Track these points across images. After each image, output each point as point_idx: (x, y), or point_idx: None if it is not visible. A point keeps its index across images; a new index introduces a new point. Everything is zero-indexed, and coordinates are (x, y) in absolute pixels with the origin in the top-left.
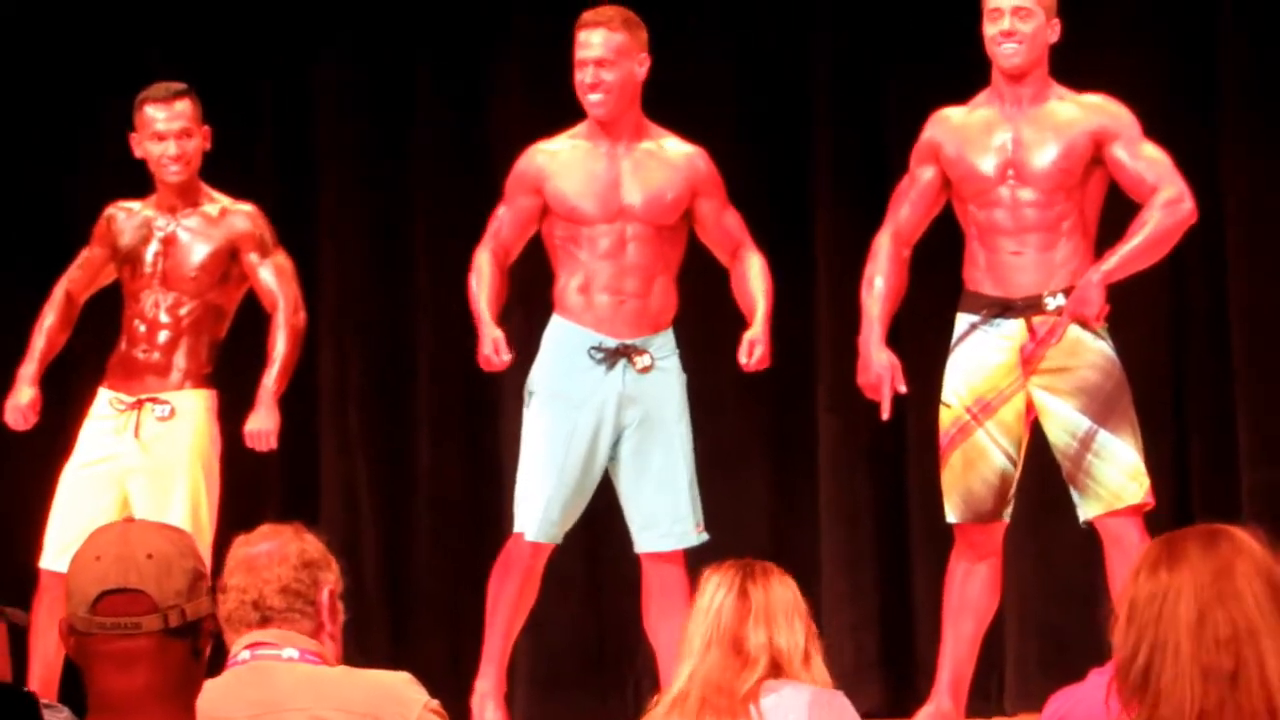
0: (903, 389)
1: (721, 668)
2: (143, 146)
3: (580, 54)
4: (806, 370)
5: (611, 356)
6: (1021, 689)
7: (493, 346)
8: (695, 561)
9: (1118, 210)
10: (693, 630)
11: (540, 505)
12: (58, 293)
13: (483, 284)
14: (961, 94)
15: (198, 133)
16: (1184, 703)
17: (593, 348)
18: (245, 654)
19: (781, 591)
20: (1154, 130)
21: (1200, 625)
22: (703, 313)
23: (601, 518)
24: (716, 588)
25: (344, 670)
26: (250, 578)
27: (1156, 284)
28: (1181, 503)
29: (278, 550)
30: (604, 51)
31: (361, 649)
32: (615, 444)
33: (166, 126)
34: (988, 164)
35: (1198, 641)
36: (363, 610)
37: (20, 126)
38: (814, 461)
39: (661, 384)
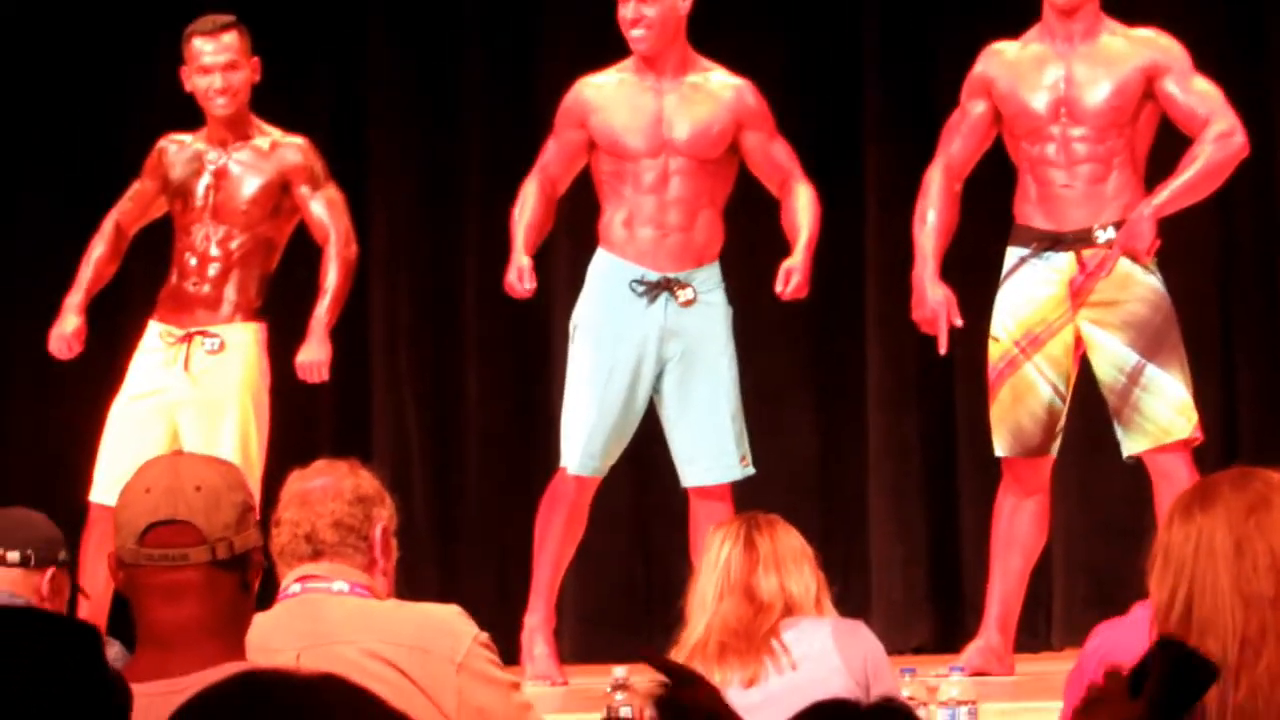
0: (959, 322)
1: (737, 615)
2: (191, 80)
3: None
4: (855, 304)
5: (654, 290)
6: (1068, 624)
7: (517, 273)
8: (742, 495)
9: (1168, 142)
10: (703, 585)
11: (582, 439)
12: (107, 224)
13: (525, 212)
14: (1013, 28)
15: (245, 65)
16: (1226, 632)
17: (635, 281)
18: (295, 586)
19: (788, 539)
20: (1205, 64)
21: (1239, 555)
22: (751, 246)
23: (648, 452)
24: (722, 541)
25: (394, 603)
26: (304, 511)
27: (1205, 218)
28: (1230, 438)
29: (332, 485)
30: None
31: (410, 583)
32: (659, 377)
33: (213, 59)
34: (1040, 101)
35: (1236, 571)
36: (412, 544)
37: (74, 60)
38: (862, 395)
39: (705, 317)
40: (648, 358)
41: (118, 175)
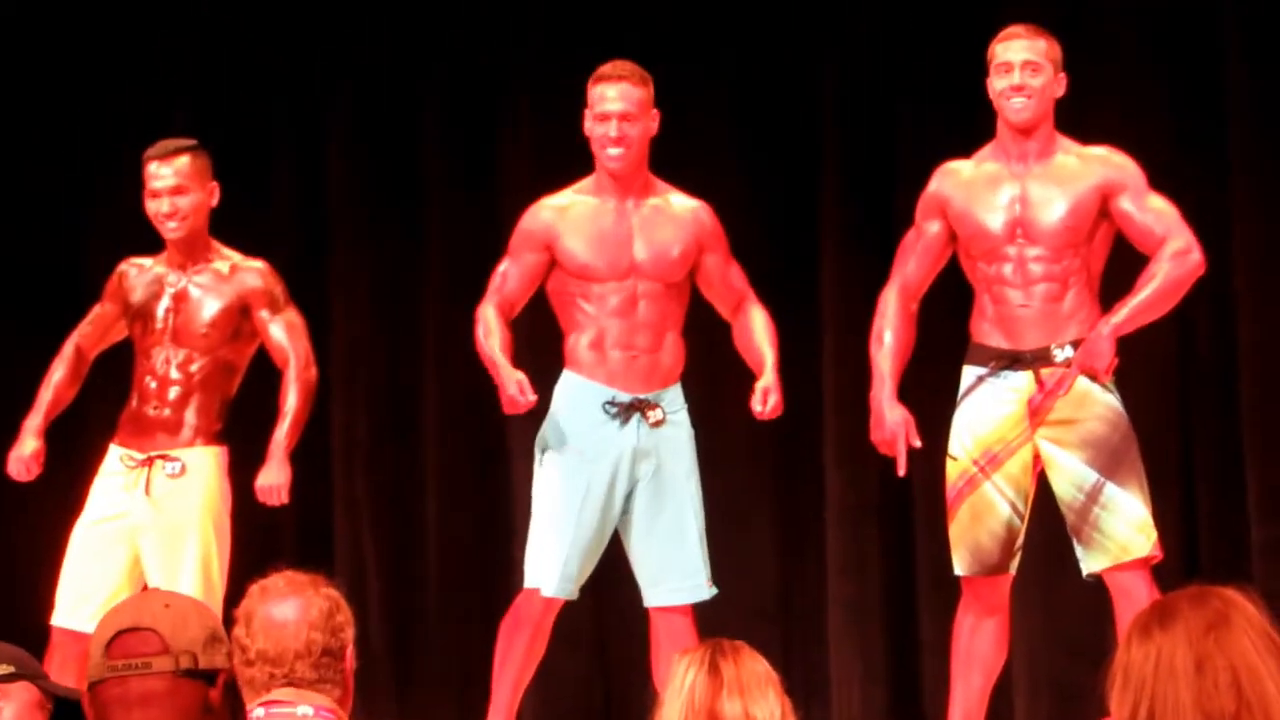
0: (917, 443)
1: None
2: (145, 203)
3: (600, 108)
4: (813, 423)
5: (625, 411)
6: None
7: (517, 387)
8: (703, 614)
9: (1121, 260)
10: (668, 713)
11: (559, 561)
12: (68, 347)
13: (491, 336)
14: (969, 145)
15: (198, 189)
16: None
17: (607, 403)
18: (260, 711)
19: (753, 665)
20: (1160, 181)
21: (1199, 673)
22: (708, 367)
23: (607, 571)
24: (687, 668)
25: None
26: (277, 647)
27: (1164, 335)
28: (1190, 556)
29: (302, 614)
30: (626, 105)
31: (369, 706)
32: (628, 498)
33: (162, 184)
34: (996, 222)
35: (1198, 689)
36: (369, 665)
37: (39, 177)
38: (821, 514)
39: (673, 438)
40: (620, 478)
41: (79, 298)
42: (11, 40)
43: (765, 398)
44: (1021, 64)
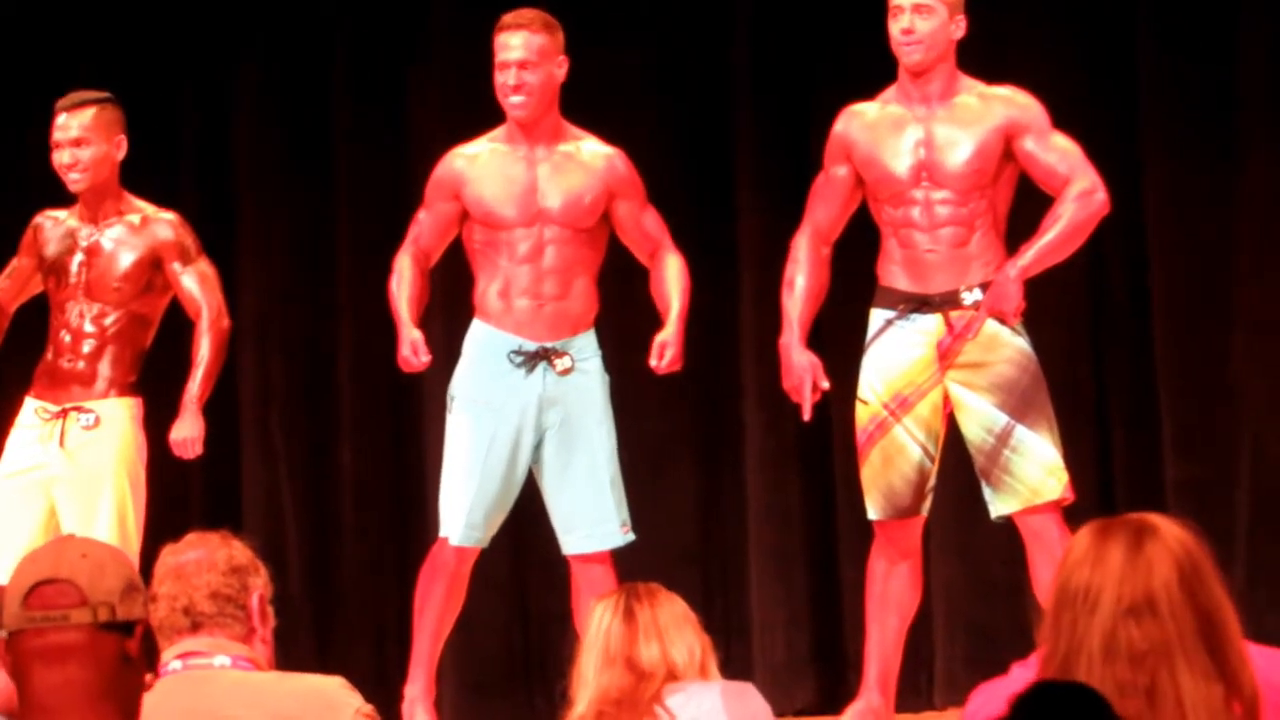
0: (825, 385)
1: (619, 686)
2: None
3: (501, 56)
4: (732, 369)
5: (531, 360)
6: (950, 683)
7: (411, 348)
8: (624, 561)
9: (1027, 201)
10: (584, 661)
11: (464, 510)
12: None
13: (403, 286)
14: (886, 86)
15: (102, 141)
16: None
17: (513, 351)
18: (176, 664)
19: (669, 606)
20: (1071, 118)
21: (1112, 640)
22: (628, 313)
23: (529, 519)
24: (601, 615)
25: (276, 676)
26: (179, 585)
27: (1076, 276)
28: (1105, 497)
29: (206, 557)
30: (525, 53)
31: (287, 655)
32: (537, 446)
33: (62, 135)
34: (901, 166)
35: (1111, 655)
36: (288, 617)
37: None
38: (741, 460)
39: (582, 386)
40: (527, 427)
41: None
42: None
43: (662, 352)
44: (912, 7)
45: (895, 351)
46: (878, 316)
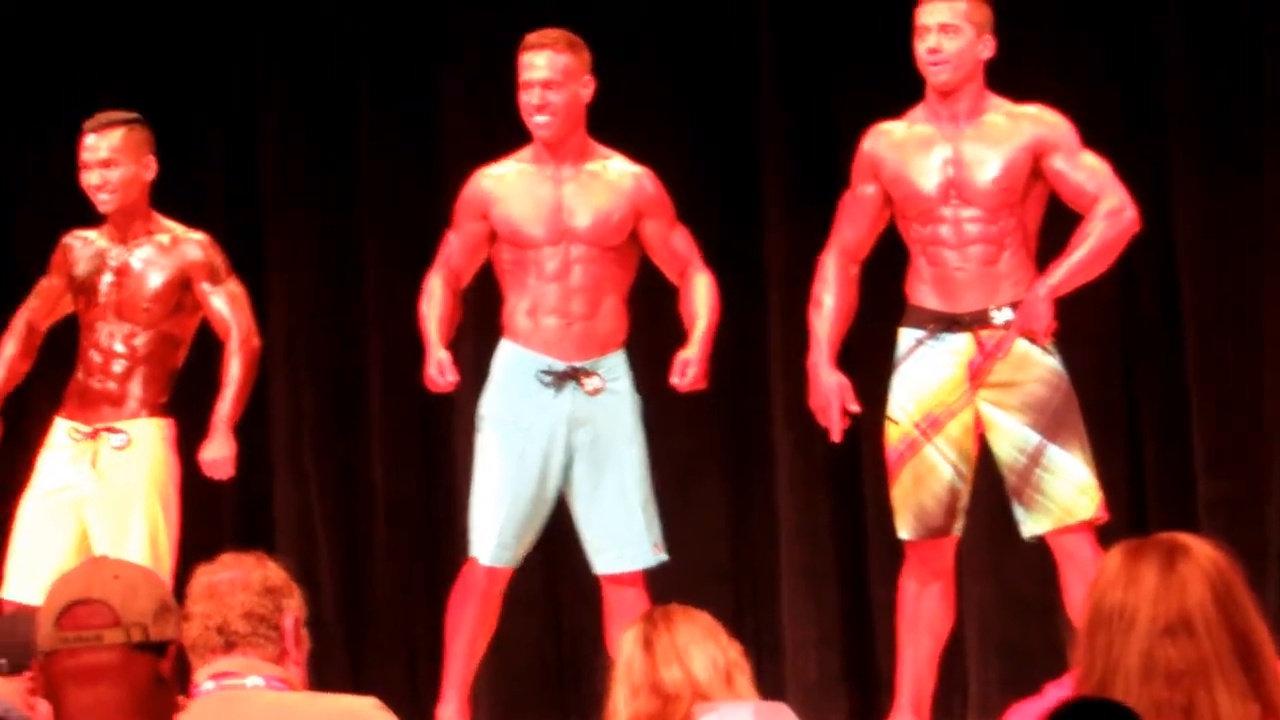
0: (854, 408)
1: (648, 712)
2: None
3: (525, 76)
4: (761, 388)
5: (560, 379)
6: (984, 705)
7: (438, 368)
8: (656, 581)
9: (1056, 220)
10: (615, 694)
11: (494, 530)
12: (18, 323)
13: (432, 306)
14: (910, 106)
15: (131, 163)
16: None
17: (541, 371)
18: (210, 684)
19: (686, 626)
20: (1100, 136)
21: (1150, 660)
22: (659, 333)
23: (561, 538)
24: (625, 647)
25: (309, 696)
26: (214, 604)
27: (1107, 295)
28: (1137, 515)
29: (241, 577)
30: (549, 73)
31: (321, 676)
32: (568, 466)
33: (90, 156)
34: (929, 184)
35: (1148, 675)
36: (321, 638)
37: None
38: (772, 479)
39: (612, 406)
40: (556, 447)
41: (10, 270)
42: None
43: (684, 369)
44: (938, 27)
45: (926, 371)
46: (907, 335)
